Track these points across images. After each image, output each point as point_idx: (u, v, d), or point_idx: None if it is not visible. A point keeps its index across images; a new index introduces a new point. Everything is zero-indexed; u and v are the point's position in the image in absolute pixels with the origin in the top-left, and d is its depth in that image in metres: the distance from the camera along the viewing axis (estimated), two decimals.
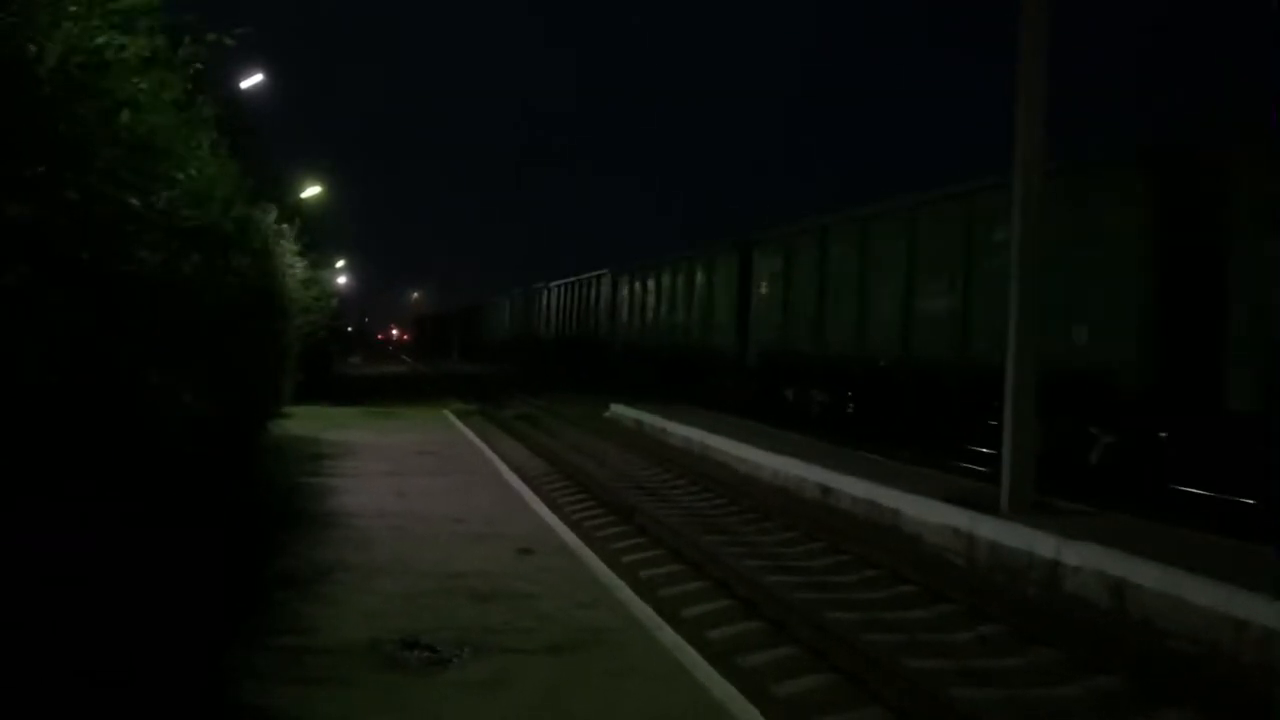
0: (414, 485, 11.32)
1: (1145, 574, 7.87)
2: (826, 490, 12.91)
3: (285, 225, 13.73)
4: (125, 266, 3.33)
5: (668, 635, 6.08)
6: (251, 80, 16.21)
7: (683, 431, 18.92)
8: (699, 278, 26.02)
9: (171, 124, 4.31)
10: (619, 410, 23.71)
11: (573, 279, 42.84)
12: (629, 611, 6.58)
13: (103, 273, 3.16)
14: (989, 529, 9.72)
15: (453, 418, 20.75)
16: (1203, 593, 7.31)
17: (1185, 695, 6.03)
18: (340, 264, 50.82)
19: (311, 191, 25.81)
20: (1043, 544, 8.97)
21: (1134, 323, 11.59)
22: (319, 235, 24.25)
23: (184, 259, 3.86)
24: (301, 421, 17.59)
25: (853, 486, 12.34)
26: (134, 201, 3.09)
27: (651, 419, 21.11)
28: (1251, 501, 10.43)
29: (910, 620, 7.70)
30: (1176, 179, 11.49)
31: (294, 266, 15.20)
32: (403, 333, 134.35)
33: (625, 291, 33.33)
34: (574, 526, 10.14)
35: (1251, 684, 6.41)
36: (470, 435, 17.38)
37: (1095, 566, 8.38)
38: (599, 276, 37.62)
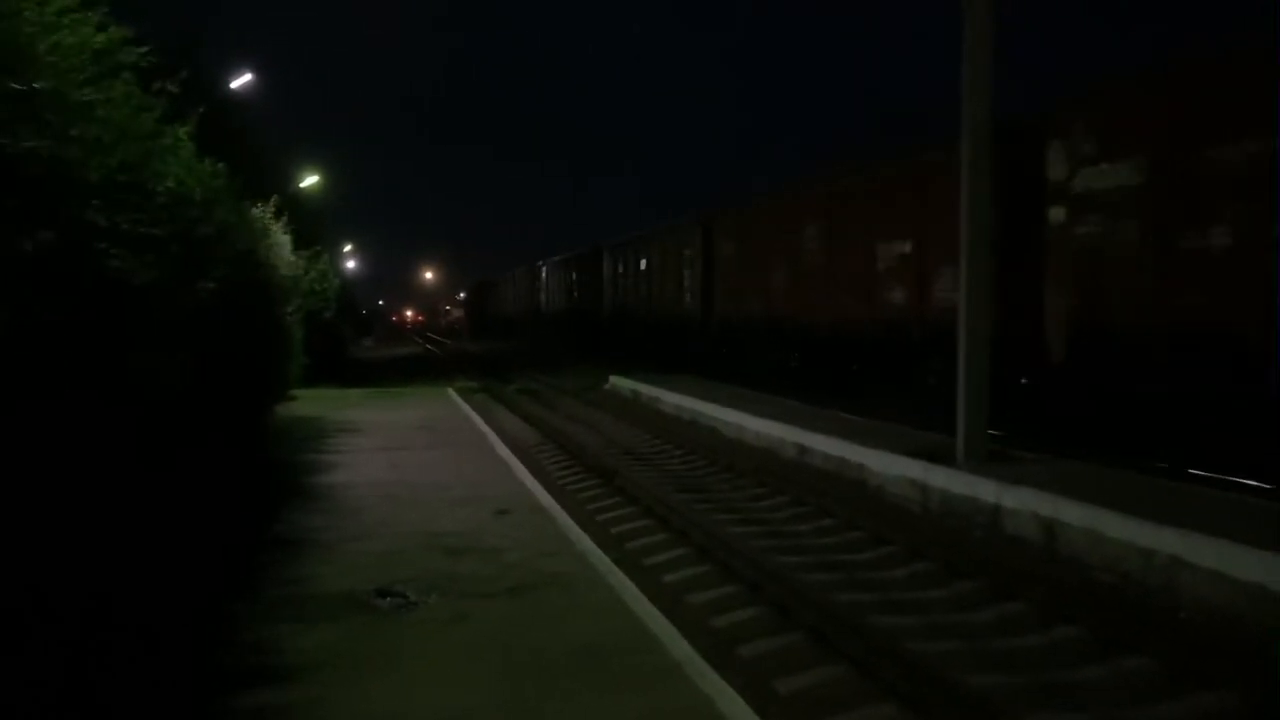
0: (408, 459, 12.07)
1: (1072, 513, 8.55)
2: (802, 449, 13.61)
3: (275, 217, 14.41)
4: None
5: (616, 578, 6.81)
6: (240, 80, 16.89)
7: (674, 399, 19.64)
8: (898, 202, 16.09)
9: (147, 150, 5.01)
10: (616, 381, 24.44)
11: (635, 235, 33.41)
12: (587, 560, 7.30)
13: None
14: (941, 478, 10.41)
15: (455, 395, 21.50)
16: (1119, 528, 7.99)
17: (1081, 617, 6.72)
18: (348, 248, 51.79)
19: (310, 181, 26.48)
20: (986, 490, 9.67)
21: None
22: (318, 222, 25.03)
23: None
24: (307, 404, 18.39)
25: (824, 444, 13.04)
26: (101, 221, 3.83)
27: (646, 389, 21.83)
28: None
29: (852, 561, 8.42)
30: None
31: (289, 255, 15.92)
32: (417, 314, 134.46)
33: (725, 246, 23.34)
34: (554, 490, 10.87)
35: (1144, 605, 7.13)
36: (468, 411, 18.12)
37: (1031, 509, 9.06)
38: (676, 228, 28.22)
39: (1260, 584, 6.61)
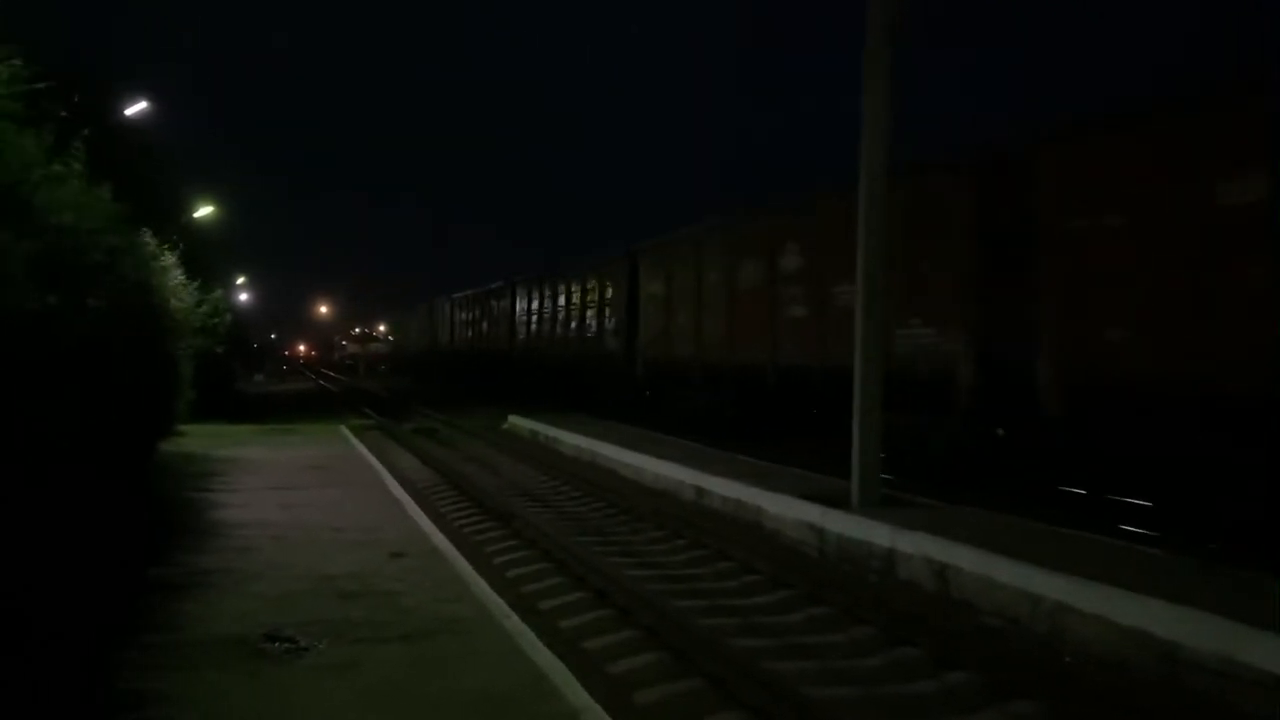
0: (299, 498, 11.76)
1: (964, 558, 8.72)
2: (700, 491, 13.66)
3: (167, 247, 14.03)
4: None
5: (513, 623, 6.71)
6: (136, 108, 16.46)
7: (573, 440, 19.58)
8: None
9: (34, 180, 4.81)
10: (515, 421, 24.28)
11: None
12: (484, 605, 7.18)
13: None
14: (836, 523, 10.54)
15: (349, 433, 21.08)
16: (1009, 573, 8.17)
17: (972, 662, 6.84)
18: (240, 280, 50.58)
19: (203, 212, 25.89)
20: (880, 535, 9.81)
21: None
22: (211, 254, 24.42)
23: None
24: (195, 440, 17.84)
25: (722, 487, 13.11)
26: None
27: (545, 429, 21.75)
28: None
29: (750, 605, 8.44)
30: None
31: (181, 287, 15.49)
32: (311, 349, 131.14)
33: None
34: (451, 533, 10.70)
35: (1032, 650, 7.29)
36: (362, 450, 17.77)
37: (924, 554, 9.22)
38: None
39: (1141, 629, 6.83)
